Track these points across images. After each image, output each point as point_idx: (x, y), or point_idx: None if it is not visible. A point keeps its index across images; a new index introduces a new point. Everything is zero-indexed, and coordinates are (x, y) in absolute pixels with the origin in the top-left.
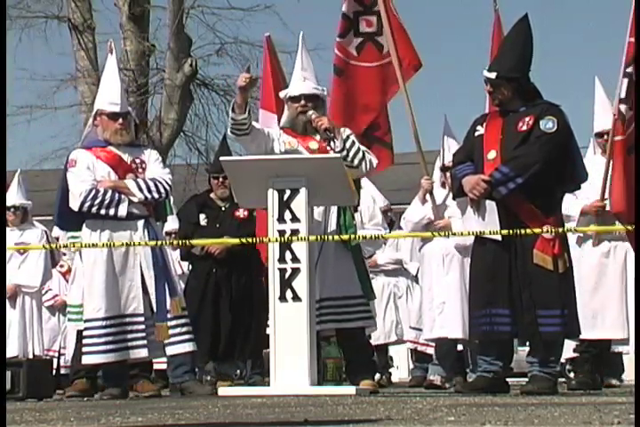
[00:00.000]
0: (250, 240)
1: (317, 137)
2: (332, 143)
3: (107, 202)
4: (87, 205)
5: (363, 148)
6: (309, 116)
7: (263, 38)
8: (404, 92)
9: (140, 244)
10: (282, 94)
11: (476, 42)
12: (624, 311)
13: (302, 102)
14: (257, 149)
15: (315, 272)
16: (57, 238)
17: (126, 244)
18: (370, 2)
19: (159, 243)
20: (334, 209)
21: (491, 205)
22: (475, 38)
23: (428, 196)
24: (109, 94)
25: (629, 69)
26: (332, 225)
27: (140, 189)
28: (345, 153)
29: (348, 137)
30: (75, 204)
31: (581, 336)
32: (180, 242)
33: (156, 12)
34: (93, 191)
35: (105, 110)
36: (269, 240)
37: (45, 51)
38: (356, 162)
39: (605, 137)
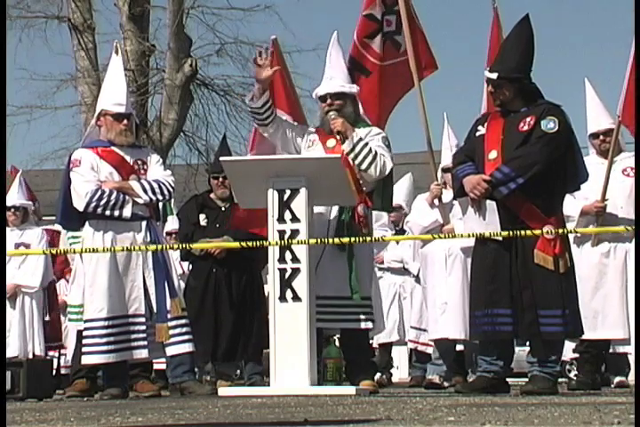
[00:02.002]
0: (249, 244)
1: (338, 136)
2: (342, 145)
3: (112, 203)
4: (93, 205)
5: (379, 150)
6: (329, 116)
7: (270, 41)
8: (419, 94)
9: (140, 248)
10: (313, 94)
11: (477, 42)
12: (624, 311)
13: (328, 101)
14: (282, 142)
15: (315, 272)
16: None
17: (126, 248)
18: (391, 2)
19: (159, 247)
20: (335, 208)
21: (491, 206)
22: (475, 38)
23: (436, 201)
24: (115, 95)
25: None
26: (330, 220)
27: (145, 191)
28: (352, 156)
29: (360, 140)
30: (80, 204)
31: (582, 336)
32: (180, 246)
33: (156, 12)
34: (99, 192)
35: (110, 111)
36: (269, 244)
37: (45, 51)
38: (364, 166)
39: (602, 137)
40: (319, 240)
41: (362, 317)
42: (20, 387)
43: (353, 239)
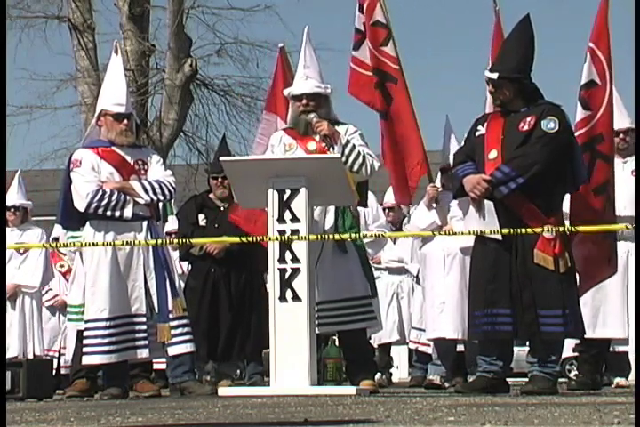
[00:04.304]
0: (250, 239)
1: (317, 137)
2: (331, 149)
3: (113, 203)
4: (94, 206)
5: (366, 150)
6: (310, 119)
7: (277, 49)
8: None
9: (140, 243)
10: (285, 92)
11: (477, 42)
12: (625, 311)
13: (304, 102)
14: None
15: (314, 274)
16: (57, 239)
17: (127, 242)
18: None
19: (159, 242)
20: (332, 210)
21: (490, 206)
22: (476, 38)
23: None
24: (115, 95)
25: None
26: (328, 226)
27: (146, 191)
28: (344, 159)
29: (347, 142)
30: (81, 204)
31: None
32: (180, 241)
33: (156, 12)
34: (100, 192)
35: (110, 111)
36: (269, 239)
37: (45, 51)
38: (355, 167)
39: (621, 135)
40: (319, 236)
41: (368, 315)
42: (20, 387)
43: (353, 235)
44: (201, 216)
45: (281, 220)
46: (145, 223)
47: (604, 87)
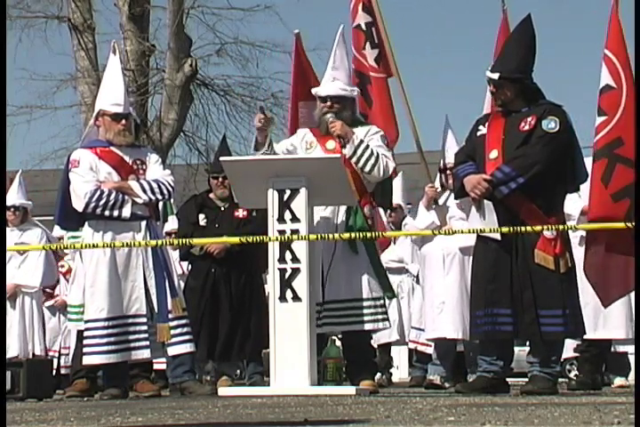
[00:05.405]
0: (250, 239)
1: (338, 139)
2: (343, 150)
3: (111, 203)
4: (92, 206)
5: (381, 151)
6: (327, 118)
7: (292, 36)
8: (404, 97)
9: (140, 244)
10: (313, 91)
11: (478, 42)
12: (627, 311)
13: (328, 103)
14: None
15: (318, 273)
16: (60, 238)
17: (127, 244)
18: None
19: (160, 242)
20: (342, 210)
21: (490, 206)
22: (477, 38)
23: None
24: (112, 95)
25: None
26: (338, 224)
27: (144, 191)
28: (355, 159)
29: (361, 142)
30: (79, 204)
31: (584, 336)
32: (180, 241)
33: (156, 12)
34: (98, 192)
35: (108, 111)
36: (269, 239)
37: (45, 51)
38: (367, 168)
39: None
40: (319, 236)
41: (374, 317)
42: (20, 387)
43: (354, 235)
44: (201, 216)
45: (281, 220)
46: (144, 223)
47: (620, 90)
